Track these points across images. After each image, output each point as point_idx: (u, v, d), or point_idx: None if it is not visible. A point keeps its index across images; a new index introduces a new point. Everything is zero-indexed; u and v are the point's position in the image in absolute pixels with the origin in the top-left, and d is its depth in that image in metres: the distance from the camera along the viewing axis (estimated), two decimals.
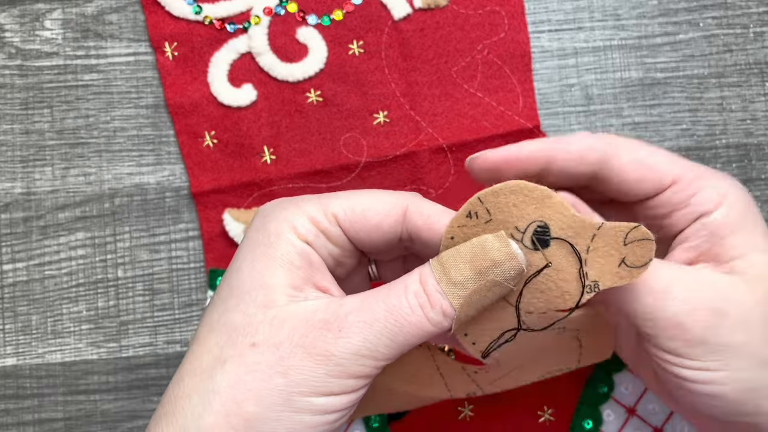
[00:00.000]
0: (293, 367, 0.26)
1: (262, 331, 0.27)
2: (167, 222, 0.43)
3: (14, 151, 0.44)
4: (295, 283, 0.28)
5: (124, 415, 0.42)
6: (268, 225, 0.29)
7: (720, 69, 0.44)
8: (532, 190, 0.27)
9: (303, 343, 0.26)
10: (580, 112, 0.44)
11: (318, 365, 0.26)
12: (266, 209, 0.30)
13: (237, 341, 0.27)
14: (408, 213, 0.29)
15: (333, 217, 0.29)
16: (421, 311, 0.27)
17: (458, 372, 0.35)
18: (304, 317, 0.27)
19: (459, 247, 0.27)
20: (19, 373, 0.43)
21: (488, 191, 0.27)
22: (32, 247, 0.43)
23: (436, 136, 0.43)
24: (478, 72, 0.43)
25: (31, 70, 0.44)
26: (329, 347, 0.26)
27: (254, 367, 0.26)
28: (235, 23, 0.43)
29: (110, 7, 0.44)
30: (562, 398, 0.42)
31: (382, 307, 0.27)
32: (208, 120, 0.43)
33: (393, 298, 0.27)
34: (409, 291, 0.27)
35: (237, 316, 0.27)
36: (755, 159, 0.43)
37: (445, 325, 0.27)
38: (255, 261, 0.28)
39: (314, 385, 0.26)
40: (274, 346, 0.26)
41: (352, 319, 0.27)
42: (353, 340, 0.26)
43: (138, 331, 0.43)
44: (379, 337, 0.26)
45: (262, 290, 0.27)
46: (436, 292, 0.27)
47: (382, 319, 0.27)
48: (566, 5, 0.44)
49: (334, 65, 0.43)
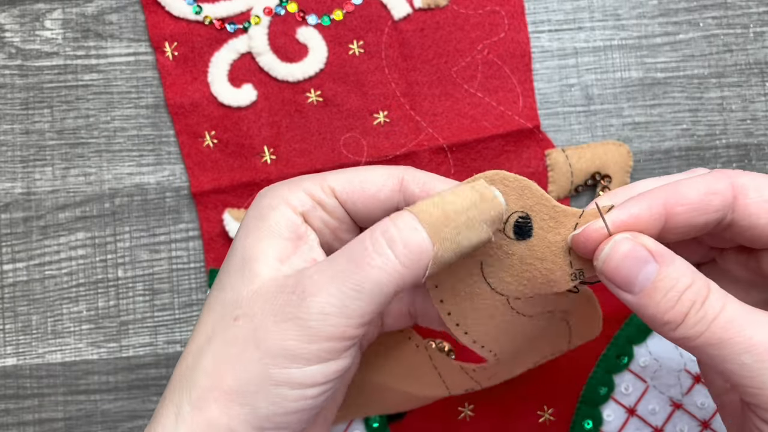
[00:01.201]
0: (264, 337, 0.26)
1: (244, 304, 0.27)
2: (167, 222, 0.43)
3: (14, 151, 0.44)
4: (282, 254, 0.27)
5: (124, 415, 0.43)
6: (262, 201, 0.29)
7: (720, 69, 0.44)
8: (512, 180, 0.27)
9: (272, 311, 0.26)
10: (580, 112, 0.44)
11: (287, 330, 0.25)
12: (265, 189, 0.30)
13: (225, 317, 0.27)
14: (404, 182, 0.29)
15: (330, 190, 0.29)
16: (389, 250, 0.25)
17: (456, 370, 0.35)
18: (277, 285, 0.26)
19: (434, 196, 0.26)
20: (20, 373, 0.43)
21: (469, 180, 0.27)
22: (32, 247, 0.43)
23: (436, 136, 0.43)
24: (478, 72, 0.43)
25: (31, 70, 0.44)
26: (295, 310, 0.25)
27: (233, 341, 0.26)
28: (235, 23, 0.43)
29: (110, 7, 0.44)
30: (562, 398, 0.42)
31: (344, 258, 0.25)
32: (208, 120, 0.43)
33: (355, 244, 0.25)
34: (375, 232, 0.25)
35: (228, 293, 0.27)
36: (755, 159, 0.43)
37: (420, 265, 0.25)
38: (246, 236, 0.28)
39: (288, 353, 0.25)
40: (250, 317, 0.26)
41: (315, 278, 0.25)
42: (317, 299, 0.25)
43: (138, 331, 0.43)
44: (344, 290, 0.25)
45: (249, 264, 0.27)
46: (409, 228, 0.25)
47: (344, 270, 0.25)
48: (566, 5, 0.44)
49: (334, 65, 0.43)
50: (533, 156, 0.43)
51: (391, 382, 0.35)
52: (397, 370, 0.35)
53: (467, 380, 0.35)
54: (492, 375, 0.35)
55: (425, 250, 0.25)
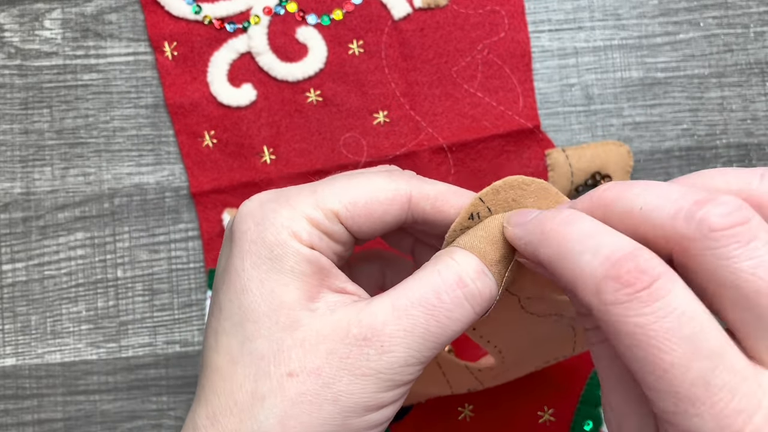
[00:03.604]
0: (342, 392, 0.25)
1: (296, 357, 0.25)
2: (167, 222, 0.43)
3: (14, 151, 0.44)
4: (310, 293, 0.26)
5: (124, 416, 0.42)
6: (265, 236, 0.26)
7: (720, 69, 0.44)
8: (529, 183, 0.27)
9: (346, 366, 0.25)
10: (581, 112, 0.44)
11: (367, 385, 0.25)
12: (255, 214, 0.27)
13: (270, 372, 0.25)
14: (413, 200, 0.28)
15: (333, 215, 0.27)
16: (467, 302, 0.25)
17: (460, 368, 0.35)
18: (337, 334, 0.25)
19: (478, 231, 0.26)
20: (19, 373, 0.43)
21: (489, 190, 0.27)
22: (32, 247, 0.43)
23: (436, 135, 0.43)
24: (478, 72, 0.43)
25: (31, 70, 0.44)
26: (374, 365, 0.25)
27: (299, 399, 0.24)
28: (235, 23, 0.43)
29: (110, 6, 0.44)
30: (562, 398, 0.42)
31: (419, 309, 0.25)
32: (207, 120, 0.43)
33: (430, 296, 0.25)
34: (448, 281, 0.25)
35: (262, 344, 0.25)
36: (755, 159, 0.43)
37: (487, 308, 0.26)
38: (264, 280, 0.26)
39: (367, 404, 0.25)
40: (315, 373, 0.25)
41: (390, 331, 0.25)
42: (398, 354, 0.25)
43: (137, 331, 0.43)
44: (423, 342, 0.25)
45: (281, 311, 0.25)
46: (482, 278, 0.25)
47: (423, 324, 0.25)
48: (566, 5, 0.44)
49: (334, 65, 0.43)
50: (533, 156, 0.43)
51: None
52: None
53: (471, 380, 0.35)
54: (496, 375, 0.35)
55: (494, 296, 0.26)
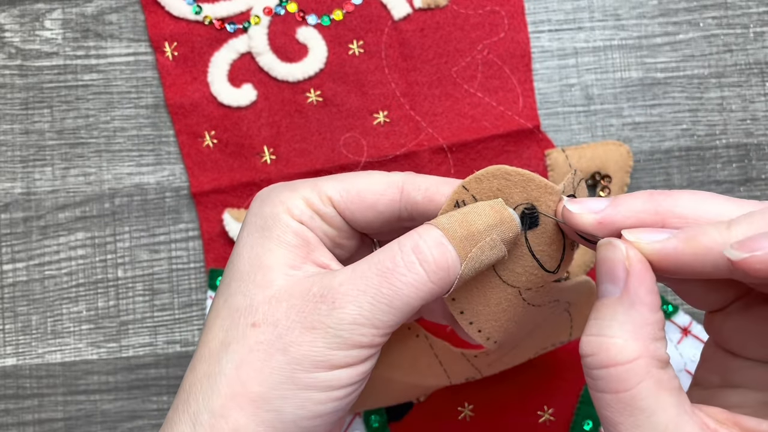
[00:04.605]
0: (292, 342, 0.26)
1: (262, 310, 0.27)
2: (167, 222, 0.43)
3: (14, 151, 0.44)
4: (293, 262, 0.28)
5: (124, 415, 0.42)
6: (264, 209, 0.29)
7: (720, 69, 0.44)
8: (512, 174, 0.27)
9: (299, 318, 0.26)
10: (580, 112, 0.44)
11: (315, 338, 0.26)
12: (263, 194, 0.30)
13: (239, 323, 0.27)
14: (405, 190, 0.29)
15: (327, 199, 0.29)
16: (420, 267, 0.26)
17: (457, 358, 0.35)
18: (300, 293, 0.27)
19: (454, 212, 0.27)
20: (19, 373, 0.43)
21: (471, 178, 0.28)
22: (32, 247, 0.43)
23: (436, 136, 0.43)
24: (478, 72, 0.43)
25: (31, 70, 0.44)
26: (324, 319, 0.26)
27: (256, 347, 0.26)
28: (235, 23, 0.43)
29: (110, 7, 0.44)
30: (562, 398, 0.42)
31: (374, 271, 0.26)
32: (208, 120, 0.43)
33: (386, 260, 0.26)
34: (405, 246, 0.26)
35: (239, 299, 0.28)
36: (755, 159, 0.43)
37: (447, 281, 0.26)
38: (253, 245, 0.28)
39: (315, 359, 0.26)
40: (273, 324, 0.26)
41: (344, 289, 0.26)
42: (347, 310, 0.26)
43: (138, 331, 0.43)
44: (375, 303, 0.26)
45: (260, 271, 0.28)
46: (438, 246, 0.26)
47: (375, 285, 0.26)
48: (566, 5, 0.44)
49: (334, 65, 0.43)
50: (533, 156, 0.43)
51: (392, 373, 0.35)
52: (399, 361, 0.35)
53: (468, 368, 0.35)
54: (493, 361, 0.35)
55: (453, 268, 0.26)
